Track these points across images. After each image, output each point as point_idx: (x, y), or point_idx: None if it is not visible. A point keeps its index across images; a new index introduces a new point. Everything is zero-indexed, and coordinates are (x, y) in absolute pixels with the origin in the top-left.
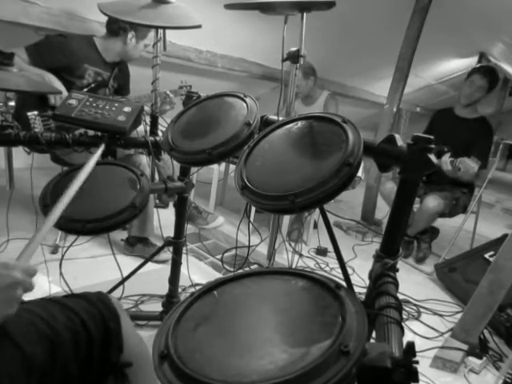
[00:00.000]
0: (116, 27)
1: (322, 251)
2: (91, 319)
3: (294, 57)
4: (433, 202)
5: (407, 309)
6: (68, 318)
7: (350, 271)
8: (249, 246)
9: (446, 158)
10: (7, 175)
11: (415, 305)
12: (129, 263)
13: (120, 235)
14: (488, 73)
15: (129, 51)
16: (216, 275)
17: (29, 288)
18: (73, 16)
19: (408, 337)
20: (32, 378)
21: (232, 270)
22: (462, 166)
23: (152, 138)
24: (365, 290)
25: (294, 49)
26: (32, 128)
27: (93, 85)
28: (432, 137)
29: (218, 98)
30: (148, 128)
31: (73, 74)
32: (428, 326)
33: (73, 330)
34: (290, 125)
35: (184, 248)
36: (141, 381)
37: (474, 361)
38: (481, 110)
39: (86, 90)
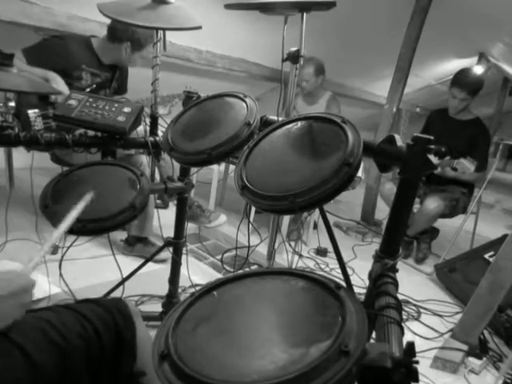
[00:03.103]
0: (113, 34)
1: (321, 252)
2: (105, 328)
3: (293, 57)
4: (433, 203)
5: (407, 309)
6: (81, 325)
7: (349, 271)
8: (248, 247)
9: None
10: (7, 175)
11: (415, 305)
12: (129, 263)
13: (120, 235)
14: (466, 85)
15: (122, 61)
16: (216, 275)
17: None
18: (72, 16)
19: (408, 337)
20: None
21: (232, 270)
22: (459, 167)
23: (152, 139)
24: (365, 291)
25: (293, 49)
26: (32, 126)
27: (94, 86)
28: (432, 137)
29: (218, 99)
30: (148, 128)
31: (71, 76)
32: (428, 326)
33: (85, 339)
34: (290, 125)
35: (184, 248)
36: None
37: (473, 361)
38: (476, 111)
39: (87, 91)
